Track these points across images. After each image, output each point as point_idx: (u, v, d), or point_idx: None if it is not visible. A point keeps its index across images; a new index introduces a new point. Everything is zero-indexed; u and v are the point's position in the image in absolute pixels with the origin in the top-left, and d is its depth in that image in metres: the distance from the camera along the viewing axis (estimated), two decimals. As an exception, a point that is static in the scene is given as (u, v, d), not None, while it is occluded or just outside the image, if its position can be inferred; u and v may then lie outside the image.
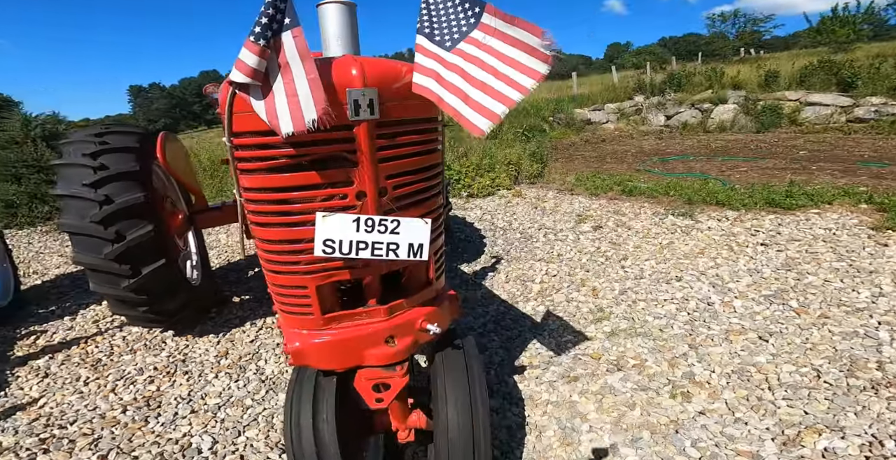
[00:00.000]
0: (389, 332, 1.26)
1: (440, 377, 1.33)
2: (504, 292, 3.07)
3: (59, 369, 2.42)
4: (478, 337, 2.52)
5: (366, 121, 1.03)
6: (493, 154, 7.00)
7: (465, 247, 3.99)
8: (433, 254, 1.35)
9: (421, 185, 1.24)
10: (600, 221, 4.39)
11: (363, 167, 1.08)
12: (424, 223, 1.13)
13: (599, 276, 3.21)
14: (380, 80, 1.05)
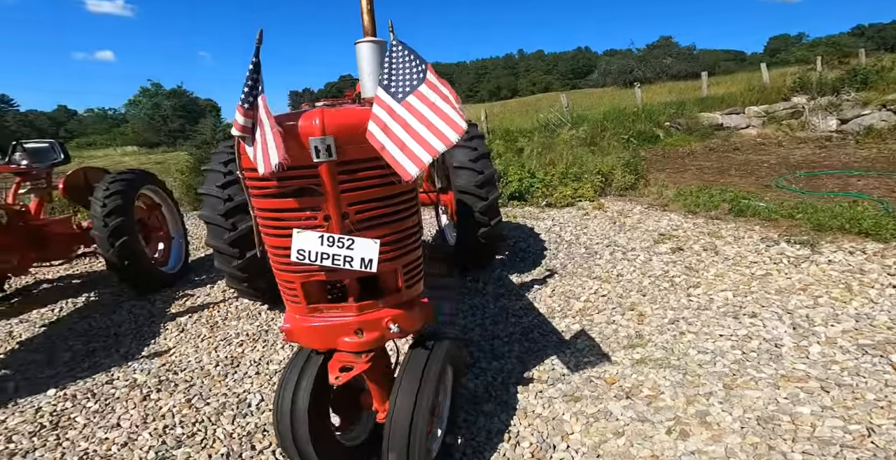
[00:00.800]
0: (358, 326, 1.50)
1: (401, 370, 1.55)
2: (544, 306, 3.08)
3: (191, 326, 3.22)
4: (501, 345, 2.62)
5: (326, 162, 1.29)
6: (584, 162, 6.75)
7: (523, 258, 4.04)
8: (403, 266, 1.54)
9: (382, 211, 1.45)
10: (684, 243, 4.00)
11: (327, 197, 1.35)
12: (374, 243, 1.36)
13: (654, 302, 3.00)
14: (338, 128, 1.29)
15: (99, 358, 2.80)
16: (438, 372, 1.54)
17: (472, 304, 3.17)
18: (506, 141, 9.12)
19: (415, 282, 1.62)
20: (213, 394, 2.33)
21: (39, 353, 2.90)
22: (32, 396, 2.37)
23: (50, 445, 1.97)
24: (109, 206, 3.49)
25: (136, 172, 4.16)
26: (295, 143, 1.27)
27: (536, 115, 12.75)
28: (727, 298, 2.97)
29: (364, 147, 1.31)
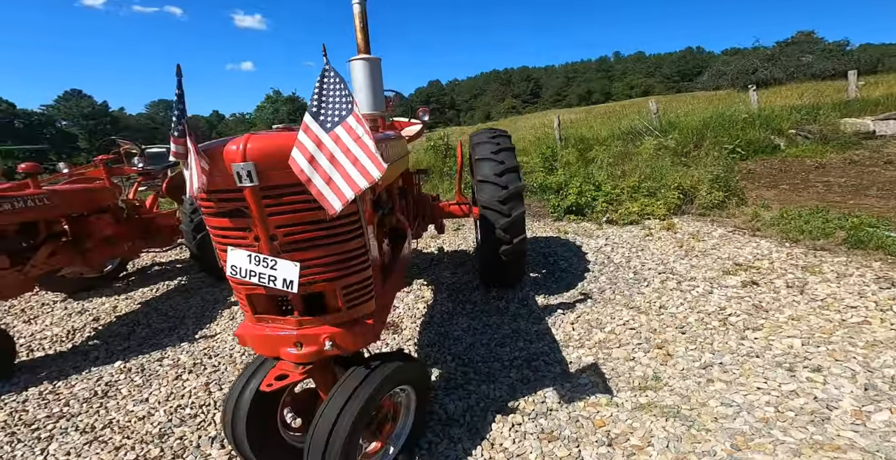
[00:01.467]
0: (298, 339, 1.54)
1: (335, 387, 1.55)
2: (562, 333, 2.85)
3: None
4: (499, 369, 2.49)
5: (249, 186, 1.32)
6: (663, 175, 6.07)
7: (559, 278, 3.78)
8: (343, 287, 1.54)
9: (312, 235, 1.44)
10: (763, 277, 3.41)
11: (255, 219, 1.38)
12: (294, 265, 1.39)
13: (692, 342, 2.60)
14: (259, 155, 1.31)
15: (163, 337, 3.27)
16: (371, 392, 1.52)
17: (486, 323, 3.06)
18: (578, 150, 8.58)
19: (358, 303, 1.60)
20: (228, 381, 2.58)
21: (125, 327, 3.48)
22: (103, 366, 2.86)
23: (91, 411, 2.35)
24: (195, 205, 4.06)
25: None
26: (221, 169, 1.33)
27: (619, 121, 11.85)
28: (791, 346, 2.46)
29: (290, 172, 1.31)
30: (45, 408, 2.37)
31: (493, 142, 3.28)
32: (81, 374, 2.74)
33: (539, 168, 7.99)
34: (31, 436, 2.14)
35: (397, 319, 3.23)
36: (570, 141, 9.44)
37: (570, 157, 8.12)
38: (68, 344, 3.25)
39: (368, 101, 2.15)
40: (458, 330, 2.98)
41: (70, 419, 2.25)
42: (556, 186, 6.75)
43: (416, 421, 1.88)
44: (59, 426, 2.20)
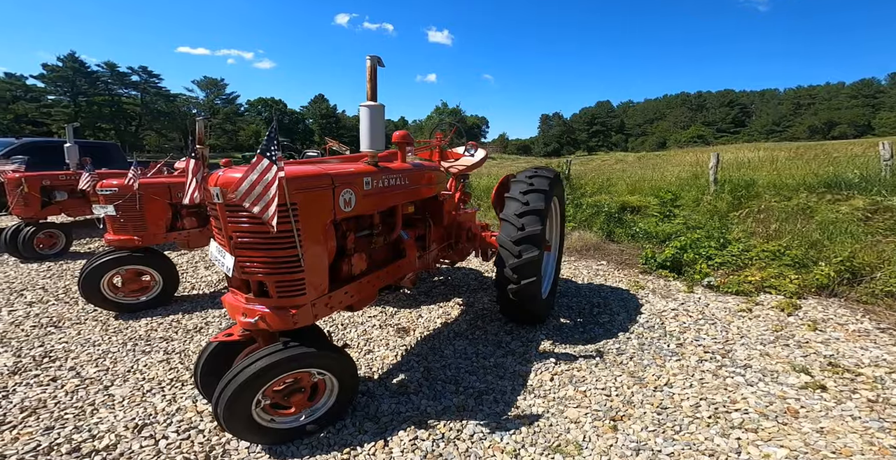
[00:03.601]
0: (244, 311, 2.04)
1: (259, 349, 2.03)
2: (536, 380, 2.75)
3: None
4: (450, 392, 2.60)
5: (217, 203, 1.91)
6: (834, 244, 4.73)
7: (585, 328, 3.53)
8: (275, 282, 1.99)
9: (252, 240, 1.94)
10: (848, 385, 2.66)
11: (222, 223, 1.95)
12: (231, 258, 1.96)
13: (655, 425, 2.28)
14: (224, 183, 1.88)
15: (257, 300, 4.29)
16: (271, 362, 1.92)
17: (478, 351, 3.14)
18: (736, 197, 6.94)
19: (286, 296, 2.03)
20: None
21: (241, 288, 4.66)
22: (215, 309, 3.95)
23: (185, 341, 3.36)
24: None
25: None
26: (208, 188, 1.98)
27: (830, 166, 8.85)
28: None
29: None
30: (165, 332, 3.47)
31: (527, 182, 3.31)
32: (200, 313, 3.86)
33: (654, 212, 7.14)
34: (140, 348, 3.18)
35: (412, 326, 3.55)
36: (729, 184, 7.55)
37: (720, 204, 6.84)
38: (214, 288, 4.54)
39: (368, 140, 2.52)
40: (450, 349, 3.16)
41: (169, 343, 3.27)
42: (662, 236, 6.03)
43: (336, 404, 2.22)
44: (158, 347, 3.22)
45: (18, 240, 5.48)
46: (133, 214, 3.96)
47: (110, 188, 3.93)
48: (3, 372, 2.74)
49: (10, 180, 5.66)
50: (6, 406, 2.37)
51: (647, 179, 10.23)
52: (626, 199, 8.03)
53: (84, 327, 3.51)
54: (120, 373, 2.77)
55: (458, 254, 3.74)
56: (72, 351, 3.06)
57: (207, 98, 66.95)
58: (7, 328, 3.45)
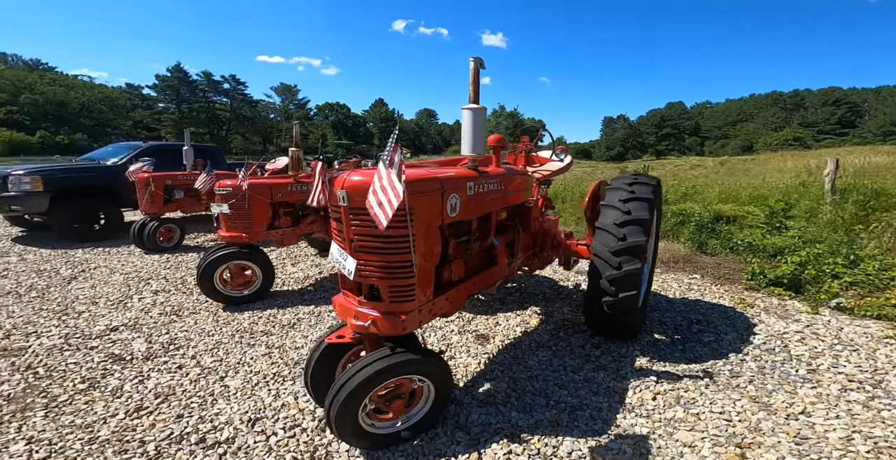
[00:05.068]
0: (356, 314, 2.04)
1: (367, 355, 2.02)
2: (636, 398, 2.52)
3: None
4: (540, 405, 2.47)
5: (343, 206, 1.94)
6: None
7: (688, 349, 3.17)
8: (389, 287, 1.97)
9: (371, 244, 1.95)
10: None
11: (344, 226, 1.98)
12: (353, 261, 1.95)
13: (804, 457, 1.96)
14: (351, 186, 1.89)
15: (342, 296, 4.44)
16: (380, 368, 1.90)
17: (564, 363, 2.97)
18: (862, 207, 6.07)
19: (398, 301, 2.02)
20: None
21: (329, 282, 4.84)
22: (304, 306, 4.15)
23: (281, 335, 3.54)
24: None
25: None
26: (334, 191, 2.00)
27: None
28: None
29: (361, 199, 1.84)
30: (264, 325, 3.69)
31: (627, 190, 3.05)
32: (292, 308, 4.07)
33: (760, 223, 6.38)
34: (245, 341, 3.40)
35: (491, 334, 3.45)
36: (855, 193, 6.58)
37: (842, 215, 6.02)
38: (301, 285, 4.78)
39: (470, 144, 2.42)
40: (534, 360, 3.02)
41: (269, 337, 3.47)
42: (772, 250, 5.36)
43: (431, 412, 2.19)
44: (261, 340, 3.42)
45: (144, 233, 6.17)
46: (242, 213, 4.22)
47: (225, 188, 4.21)
48: (138, 357, 3.06)
49: (140, 180, 6.37)
50: (143, 391, 2.63)
51: (743, 186, 9.19)
52: (717, 208, 7.23)
53: (199, 317, 3.83)
54: (232, 365, 2.96)
55: (542, 262, 3.58)
56: (192, 341, 3.35)
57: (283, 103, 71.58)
58: (138, 315, 3.86)
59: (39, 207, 6.59)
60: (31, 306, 4.02)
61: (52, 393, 2.60)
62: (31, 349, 3.16)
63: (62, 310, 3.92)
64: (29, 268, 5.23)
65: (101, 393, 2.60)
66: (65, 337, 3.38)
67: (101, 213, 7.14)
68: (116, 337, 3.40)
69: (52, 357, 3.05)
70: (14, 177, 6.46)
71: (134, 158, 7.48)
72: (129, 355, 3.08)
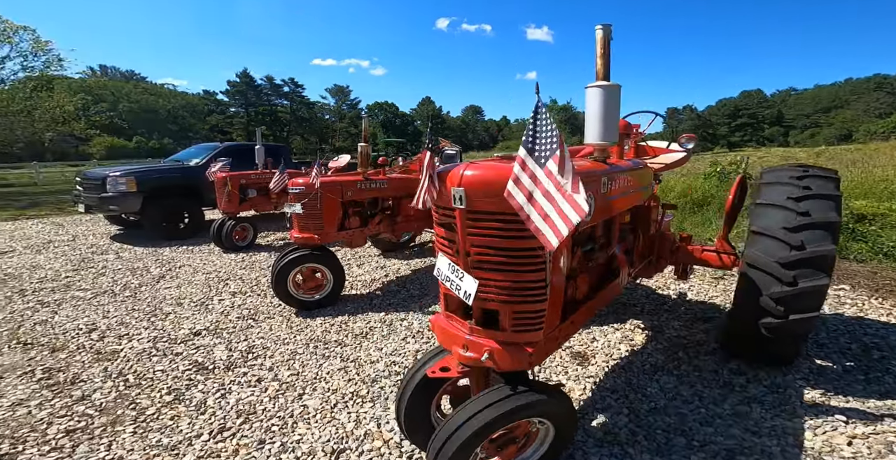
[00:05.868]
0: (466, 343, 1.66)
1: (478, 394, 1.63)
2: (820, 441, 1.96)
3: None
4: (681, 446, 2.00)
5: (458, 208, 1.51)
6: None
7: (874, 380, 2.54)
8: (514, 312, 1.57)
9: (497, 259, 1.53)
10: None
11: (458, 235, 1.56)
12: (474, 281, 1.54)
13: None
14: (471, 183, 1.48)
15: (412, 302, 4.18)
16: (501, 412, 1.53)
17: (697, 392, 2.46)
18: None
19: (523, 330, 1.63)
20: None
21: (396, 287, 4.62)
22: (374, 313, 3.93)
23: (353, 346, 3.31)
24: None
25: None
26: (445, 189, 1.58)
27: None
28: None
29: (492, 201, 1.44)
30: (337, 334, 3.51)
31: (797, 185, 2.46)
32: (362, 315, 3.87)
33: None
34: (320, 351, 3.21)
35: (589, 352, 3.01)
36: None
37: None
38: (368, 289, 4.60)
39: (599, 130, 1.94)
40: (654, 387, 2.54)
41: (342, 348, 3.27)
42: None
43: (547, 456, 1.80)
44: (335, 351, 3.22)
45: (222, 232, 6.35)
46: (314, 213, 4.04)
47: (298, 187, 4.05)
48: (219, 366, 2.98)
49: (219, 179, 6.53)
50: (225, 407, 2.50)
51: (879, 179, 7.79)
52: (851, 205, 6.13)
53: (274, 322, 3.75)
54: (308, 380, 2.78)
55: (653, 270, 3.04)
56: (268, 349, 3.23)
57: (336, 104, 73.82)
58: (219, 318, 3.85)
59: (134, 207, 7.04)
60: (124, 306, 4.17)
61: (140, 404, 2.55)
62: (122, 353, 3.20)
63: (151, 312, 4.02)
64: (124, 267, 5.54)
65: (186, 407, 2.51)
66: (153, 340, 3.41)
67: (186, 212, 7.50)
68: (199, 342, 3.37)
69: (141, 362, 3.05)
70: (111, 179, 6.93)
71: (213, 158, 7.77)
72: (212, 364, 3.01)
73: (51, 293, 4.53)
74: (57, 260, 5.89)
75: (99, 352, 3.23)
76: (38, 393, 2.68)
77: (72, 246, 6.75)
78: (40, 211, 10.55)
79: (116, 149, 42.96)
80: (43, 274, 5.22)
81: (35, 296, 4.46)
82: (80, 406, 2.55)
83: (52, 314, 3.98)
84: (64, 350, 3.29)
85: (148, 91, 62.68)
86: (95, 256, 6.10)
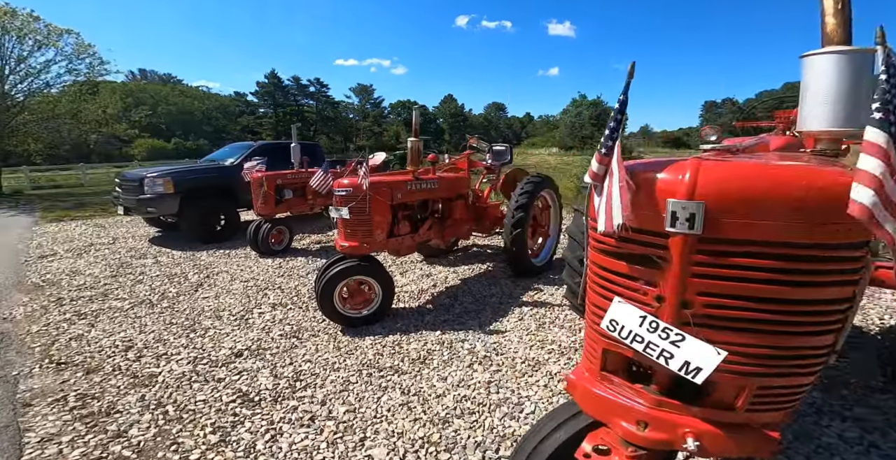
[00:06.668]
0: (645, 418, 1.18)
1: None
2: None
3: (528, 318, 3.67)
4: None
5: (682, 233, 0.96)
6: None
7: None
8: (760, 387, 1.07)
9: (751, 315, 1.00)
10: None
11: (669, 275, 1.03)
12: (715, 353, 1.00)
13: None
14: (718, 190, 0.94)
15: (469, 318, 3.75)
16: None
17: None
18: None
19: (766, 409, 1.13)
20: (505, 386, 2.66)
21: (448, 299, 4.19)
22: (429, 332, 3.50)
23: (412, 374, 2.89)
24: (519, 202, 4.36)
25: (542, 178, 4.79)
26: (648, 202, 1.04)
27: None
28: None
29: (751, 224, 0.93)
30: (391, 358, 3.09)
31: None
32: (416, 335, 3.45)
33: None
34: (375, 381, 2.80)
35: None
36: None
37: None
38: (417, 301, 4.18)
39: (836, 112, 1.36)
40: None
41: (400, 376, 2.85)
42: None
43: None
44: (392, 380, 2.80)
45: (258, 236, 6.08)
46: (363, 218, 3.57)
47: (344, 188, 3.56)
48: (266, 397, 2.61)
49: (255, 179, 6.21)
50: (278, 453, 2.12)
51: None
52: None
53: (319, 341, 3.37)
54: (368, 419, 2.37)
55: None
56: (317, 376, 2.85)
57: (360, 103, 74.10)
58: (260, 335, 3.51)
59: (171, 209, 6.88)
60: (161, 319, 3.90)
61: (183, 445, 2.20)
62: (160, 377, 2.89)
63: (190, 326, 3.72)
64: (162, 273, 5.33)
65: (234, 452, 2.14)
66: (193, 361, 3.10)
67: (222, 214, 7.29)
68: (242, 365, 3.03)
69: (181, 390, 2.72)
70: (149, 180, 6.78)
71: (247, 157, 7.55)
72: (257, 394, 2.65)
73: (88, 302, 4.33)
74: (97, 264, 5.75)
75: (135, 376, 2.93)
76: (70, 427, 2.38)
77: (112, 249, 6.65)
78: (85, 212, 10.69)
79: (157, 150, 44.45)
80: (82, 280, 5.05)
81: (72, 305, 4.26)
82: (116, 445, 2.23)
83: (89, 327, 3.75)
84: (99, 371, 3.02)
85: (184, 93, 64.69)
86: (134, 261, 5.94)
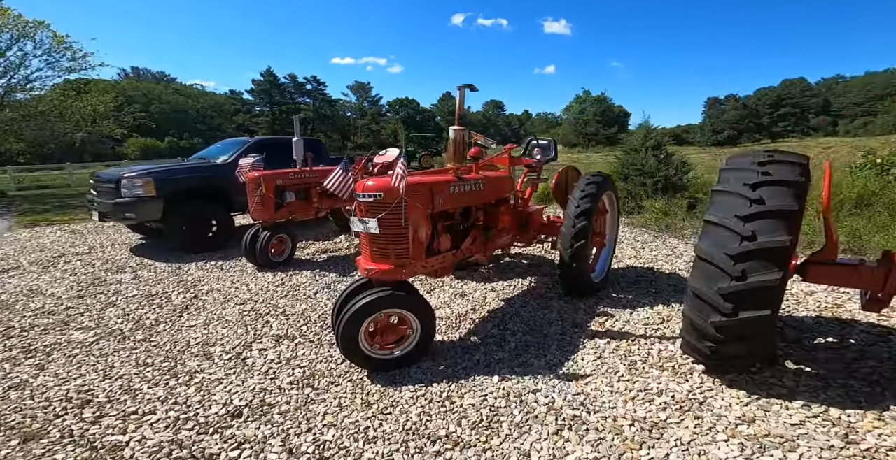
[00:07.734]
0: None
1: None
2: None
3: (609, 356, 2.84)
4: None
5: None
6: None
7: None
8: None
9: None
10: None
11: None
12: None
13: None
14: None
15: (531, 356, 2.91)
16: None
17: None
18: None
19: None
20: (624, 476, 1.82)
21: (496, 329, 3.33)
22: (485, 376, 2.66)
23: (480, 443, 2.07)
24: (581, 208, 3.51)
25: (604, 177, 3.90)
26: None
27: None
28: None
29: None
30: (443, 420, 2.26)
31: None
32: (469, 381, 2.61)
33: None
34: (429, 454, 1.99)
35: None
36: None
37: None
38: (456, 332, 3.32)
39: None
40: None
41: (462, 451, 2.01)
42: None
43: None
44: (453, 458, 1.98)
45: (256, 245, 5.19)
46: (398, 233, 2.67)
47: (371, 192, 2.61)
48: (274, 500, 1.76)
49: (251, 180, 5.26)
50: None
51: None
52: None
53: (341, 392, 2.52)
54: None
55: None
56: (349, 452, 2.01)
57: (358, 101, 73.05)
58: (266, 384, 2.65)
59: (153, 214, 5.94)
60: (134, 357, 3.02)
61: None
62: (128, 453, 2.03)
63: (170, 369, 2.85)
64: (140, 292, 4.42)
65: None
66: (174, 424, 2.24)
67: (213, 219, 6.37)
68: (241, 433, 2.17)
69: (149, 483, 1.87)
70: (126, 181, 5.84)
71: (243, 154, 6.64)
72: (261, 492, 1.81)
73: (42, 334, 3.43)
74: (63, 281, 4.84)
75: (92, 448, 2.08)
76: None
77: (85, 261, 5.72)
78: (65, 216, 9.75)
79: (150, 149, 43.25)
80: (41, 302, 4.15)
81: (21, 338, 3.36)
82: None
83: (37, 370, 2.87)
84: (41, 439, 2.16)
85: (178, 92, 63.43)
86: (109, 276, 5.03)
